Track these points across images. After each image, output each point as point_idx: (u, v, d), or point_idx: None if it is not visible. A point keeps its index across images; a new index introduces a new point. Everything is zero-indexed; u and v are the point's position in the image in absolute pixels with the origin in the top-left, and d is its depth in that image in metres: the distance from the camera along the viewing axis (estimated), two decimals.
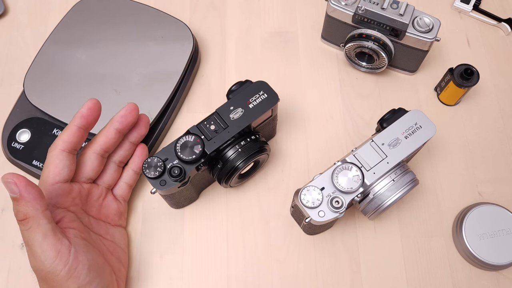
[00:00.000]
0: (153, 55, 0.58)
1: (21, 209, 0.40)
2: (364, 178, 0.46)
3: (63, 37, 0.59)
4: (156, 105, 0.56)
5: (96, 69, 0.57)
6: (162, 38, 0.59)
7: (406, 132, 0.48)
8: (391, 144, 0.47)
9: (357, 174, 0.45)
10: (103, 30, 0.59)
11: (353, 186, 0.45)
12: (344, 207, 0.45)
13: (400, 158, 0.47)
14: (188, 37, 0.59)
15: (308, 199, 0.45)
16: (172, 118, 0.59)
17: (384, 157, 0.47)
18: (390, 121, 0.49)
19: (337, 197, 0.45)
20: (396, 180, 0.47)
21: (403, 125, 0.48)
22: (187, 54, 0.58)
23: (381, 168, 0.46)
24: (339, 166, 0.46)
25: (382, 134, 0.48)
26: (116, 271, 0.48)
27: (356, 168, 0.46)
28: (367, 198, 0.47)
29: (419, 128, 0.48)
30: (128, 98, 0.55)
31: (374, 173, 0.46)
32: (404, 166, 0.48)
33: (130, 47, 0.58)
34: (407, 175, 0.48)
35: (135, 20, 0.60)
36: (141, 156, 0.52)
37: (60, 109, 0.55)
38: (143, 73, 0.57)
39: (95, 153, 0.48)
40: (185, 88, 0.59)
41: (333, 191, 0.46)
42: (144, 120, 0.51)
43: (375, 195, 0.47)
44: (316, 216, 0.45)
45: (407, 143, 0.47)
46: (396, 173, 0.47)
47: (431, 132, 0.48)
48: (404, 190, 0.47)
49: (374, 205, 0.47)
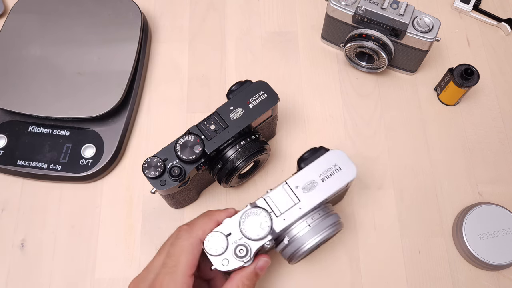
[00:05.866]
0: (105, 31, 0.59)
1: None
2: (272, 225, 0.42)
3: (11, 37, 0.59)
4: (123, 76, 0.57)
5: (54, 59, 0.58)
6: (109, 16, 0.60)
7: (324, 174, 0.44)
8: (306, 188, 0.43)
9: (265, 221, 0.41)
10: (50, 22, 0.60)
11: (260, 233, 0.41)
12: (250, 255, 0.41)
13: (314, 203, 0.43)
14: (134, 10, 0.60)
15: (211, 246, 0.41)
16: (142, 84, 0.61)
17: (297, 202, 0.43)
18: (308, 161, 0.44)
19: (242, 245, 0.41)
20: (312, 225, 0.43)
21: (321, 167, 0.44)
22: (138, 24, 0.59)
23: (293, 214, 0.42)
24: (248, 210, 0.42)
25: (297, 176, 0.44)
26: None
27: (265, 213, 0.42)
28: (282, 243, 0.44)
29: (338, 170, 0.44)
30: (94, 77, 0.57)
31: (284, 219, 0.42)
32: (325, 209, 0.44)
33: (80, 31, 0.59)
34: (327, 219, 0.44)
35: (78, 4, 0.61)
36: None
37: (30, 104, 0.55)
38: (101, 51, 0.58)
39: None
40: (144, 56, 0.61)
41: (239, 237, 0.41)
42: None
43: (291, 240, 0.43)
44: (219, 265, 0.41)
45: (323, 187, 0.43)
46: (313, 218, 0.43)
47: (351, 174, 0.44)
48: (323, 235, 0.43)
49: (291, 250, 0.43)
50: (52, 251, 0.53)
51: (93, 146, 0.56)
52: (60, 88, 0.56)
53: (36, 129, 0.56)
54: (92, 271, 0.53)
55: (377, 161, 0.58)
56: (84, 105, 0.55)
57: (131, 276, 0.52)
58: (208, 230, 0.42)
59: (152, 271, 0.42)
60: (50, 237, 0.54)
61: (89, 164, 0.55)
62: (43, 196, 0.56)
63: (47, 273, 0.53)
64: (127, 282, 0.52)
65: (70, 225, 0.55)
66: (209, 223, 0.43)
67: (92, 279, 0.52)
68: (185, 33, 0.65)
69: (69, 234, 0.54)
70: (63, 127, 0.56)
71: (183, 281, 0.40)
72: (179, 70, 0.63)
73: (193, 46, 0.64)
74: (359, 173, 0.57)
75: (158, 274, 0.41)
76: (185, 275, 0.41)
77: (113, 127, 0.57)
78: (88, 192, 0.56)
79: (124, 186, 0.57)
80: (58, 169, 0.55)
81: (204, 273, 0.47)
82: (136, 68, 0.59)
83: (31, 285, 0.52)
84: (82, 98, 0.56)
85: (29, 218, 0.55)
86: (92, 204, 0.56)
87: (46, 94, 0.56)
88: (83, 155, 0.55)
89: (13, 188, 0.56)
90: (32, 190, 0.56)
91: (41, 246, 0.54)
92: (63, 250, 0.54)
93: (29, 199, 0.56)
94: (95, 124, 0.57)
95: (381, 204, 0.56)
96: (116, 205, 0.56)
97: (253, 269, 0.43)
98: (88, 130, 0.56)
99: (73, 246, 0.54)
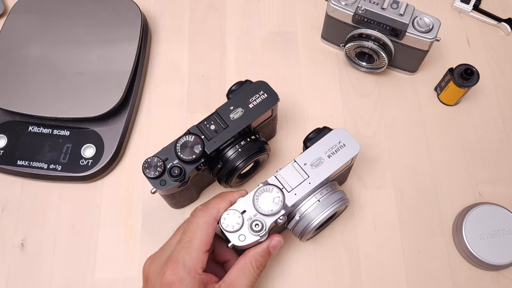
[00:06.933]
0: (105, 31, 0.59)
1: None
2: (285, 200, 0.44)
3: (11, 37, 0.59)
4: (123, 75, 0.57)
5: (54, 59, 0.58)
6: (109, 16, 0.60)
7: (329, 151, 0.47)
8: (314, 164, 0.46)
9: (278, 196, 0.44)
10: (50, 22, 0.60)
11: (274, 208, 0.44)
12: (265, 230, 0.43)
13: (323, 177, 0.46)
14: (134, 9, 0.60)
15: (227, 223, 0.43)
16: (142, 84, 0.61)
17: (306, 178, 0.45)
18: (313, 141, 0.48)
19: (257, 220, 0.44)
20: (321, 200, 0.46)
21: (326, 144, 0.47)
22: (138, 24, 0.59)
23: (303, 188, 0.45)
24: (260, 188, 0.44)
25: (305, 154, 0.47)
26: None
27: (277, 189, 0.44)
28: (293, 220, 0.46)
29: (343, 146, 0.47)
30: (94, 77, 0.57)
31: (295, 194, 0.45)
32: (332, 186, 0.47)
33: (80, 31, 0.59)
34: (334, 194, 0.47)
35: (78, 4, 0.61)
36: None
37: (30, 104, 0.55)
38: (101, 51, 0.58)
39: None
40: (144, 56, 0.61)
41: (254, 214, 0.44)
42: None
43: (302, 216, 0.46)
44: (236, 241, 0.43)
45: (330, 162, 0.46)
46: (322, 193, 0.46)
47: (354, 150, 0.47)
48: (331, 209, 0.46)
49: (302, 225, 0.46)
50: (52, 251, 0.53)
51: (93, 146, 0.56)
52: (60, 88, 0.56)
53: (36, 129, 0.56)
54: (92, 271, 0.53)
55: (377, 161, 0.58)
56: (84, 105, 0.55)
57: (131, 276, 0.52)
58: (222, 209, 0.44)
59: (167, 249, 0.44)
60: (50, 237, 0.54)
61: (89, 164, 0.55)
62: (43, 196, 0.56)
63: (47, 273, 0.53)
64: (127, 282, 0.52)
65: (70, 225, 0.55)
66: (223, 202, 0.45)
67: (92, 279, 0.52)
68: (185, 33, 0.65)
69: (69, 234, 0.54)
70: (63, 127, 0.56)
71: (198, 256, 0.42)
72: (179, 70, 0.63)
73: (193, 46, 0.64)
74: (359, 173, 0.57)
75: (174, 250, 0.42)
76: (200, 250, 0.42)
77: (113, 127, 0.57)
78: (88, 192, 0.56)
79: (124, 186, 0.57)
80: (58, 169, 0.55)
81: (219, 256, 0.48)
82: (136, 68, 0.59)
83: (31, 285, 0.52)
84: (82, 98, 0.56)
85: (29, 218, 0.55)
86: (92, 204, 0.56)
87: (46, 94, 0.56)
88: (83, 155, 0.55)
89: (13, 188, 0.56)
90: (32, 190, 0.56)
91: (41, 246, 0.54)
92: (63, 250, 0.54)
93: (29, 199, 0.56)
94: (95, 124, 0.57)
95: (381, 204, 0.56)
96: (116, 205, 0.56)
97: (267, 247, 0.45)
98: (88, 130, 0.56)
99: (73, 246, 0.54)
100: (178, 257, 0.42)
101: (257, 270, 0.44)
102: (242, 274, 0.44)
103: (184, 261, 0.41)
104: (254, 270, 0.44)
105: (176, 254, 0.42)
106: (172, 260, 0.42)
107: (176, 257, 0.42)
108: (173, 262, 0.41)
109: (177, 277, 0.41)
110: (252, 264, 0.44)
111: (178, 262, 0.41)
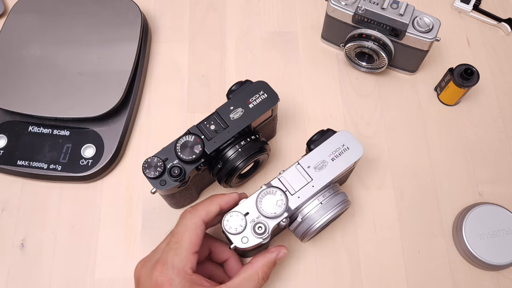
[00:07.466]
0: (105, 31, 0.59)
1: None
2: (288, 203, 0.44)
3: (11, 37, 0.59)
4: (123, 75, 0.57)
5: (54, 59, 0.58)
6: (109, 16, 0.60)
7: (333, 154, 0.46)
8: (317, 167, 0.46)
9: (281, 199, 0.44)
10: (50, 22, 0.60)
11: (277, 211, 0.44)
12: (268, 232, 0.43)
13: (326, 181, 0.46)
14: (134, 9, 0.60)
15: (230, 225, 0.43)
16: (142, 84, 0.61)
17: (310, 181, 0.45)
18: (317, 143, 0.47)
19: (260, 223, 0.44)
20: (324, 203, 0.46)
21: (330, 147, 0.47)
22: (138, 24, 0.59)
23: (306, 192, 0.45)
24: (264, 190, 0.44)
25: (308, 156, 0.47)
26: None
27: (280, 192, 0.44)
28: (295, 222, 0.46)
29: (346, 149, 0.47)
30: (94, 77, 0.56)
31: (298, 197, 0.45)
32: (334, 188, 0.47)
33: (80, 31, 0.59)
34: (336, 197, 0.47)
35: (78, 4, 0.61)
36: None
37: (30, 104, 0.55)
38: (101, 51, 0.58)
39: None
40: (144, 56, 0.61)
41: (257, 216, 0.44)
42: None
43: (304, 218, 0.46)
44: (239, 243, 0.43)
45: (333, 166, 0.46)
46: (324, 196, 0.46)
47: (358, 153, 0.47)
48: (334, 212, 0.46)
49: (304, 227, 0.46)
50: (52, 251, 0.53)
51: (93, 146, 0.56)
52: (60, 88, 0.56)
53: (36, 129, 0.56)
54: (92, 271, 0.53)
55: (377, 161, 0.58)
56: (84, 105, 0.55)
57: (131, 276, 0.52)
58: (211, 212, 0.44)
59: (158, 252, 0.44)
60: (50, 237, 0.54)
61: (89, 164, 0.55)
62: (43, 196, 0.56)
63: (47, 273, 0.53)
64: (127, 282, 0.52)
65: (70, 225, 0.55)
66: (211, 205, 0.45)
67: (92, 279, 0.52)
68: (185, 33, 0.65)
69: (69, 234, 0.54)
70: (63, 127, 0.56)
71: (187, 257, 0.42)
72: (179, 70, 0.63)
73: (193, 46, 0.64)
74: (359, 173, 0.57)
75: (163, 252, 0.43)
76: (188, 251, 0.42)
77: (113, 127, 0.57)
78: (88, 192, 0.56)
79: (124, 186, 0.57)
80: (58, 169, 0.55)
81: (218, 256, 0.48)
82: (136, 68, 0.59)
83: (31, 285, 0.52)
84: (82, 98, 0.56)
85: (29, 218, 0.55)
86: (92, 204, 0.56)
87: (46, 94, 0.56)
88: (83, 155, 0.55)
89: (13, 188, 0.56)
90: (32, 190, 0.56)
91: (41, 246, 0.54)
92: (63, 250, 0.54)
93: (29, 199, 0.56)
94: (95, 124, 0.57)
95: (381, 204, 0.56)
96: (116, 205, 0.56)
97: (274, 259, 0.45)
98: (88, 130, 0.56)
99: (73, 246, 0.54)
100: (167, 259, 0.42)
101: (262, 281, 0.44)
102: (247, 284, 0.44)
103: (173, 262, 0.41)
104: (260, 282, 0.44)
105: (165, 256, 0.42)
106: (161, 261, 0.42)
107: (165, 259, 0.42)
108: (162, 263, 0.42)
109: (167, 279, 0.41)
110: (259, 275, 0.44)
111: (167, 263, 0.41)
